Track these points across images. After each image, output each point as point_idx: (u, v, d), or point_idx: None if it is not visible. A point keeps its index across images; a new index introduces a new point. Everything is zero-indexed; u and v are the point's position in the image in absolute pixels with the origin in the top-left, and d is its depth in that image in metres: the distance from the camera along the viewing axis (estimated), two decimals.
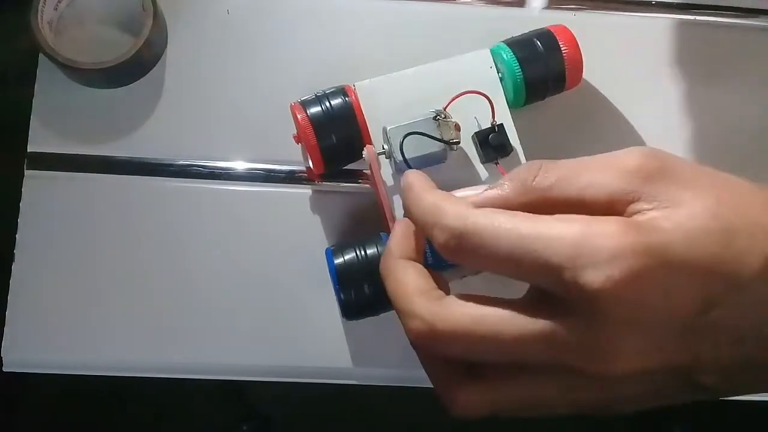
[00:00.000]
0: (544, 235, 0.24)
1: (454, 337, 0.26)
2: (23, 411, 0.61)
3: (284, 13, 0.42)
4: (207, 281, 0.39)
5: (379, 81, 0.36)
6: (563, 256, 0.24)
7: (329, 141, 0.35)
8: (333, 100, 0.36)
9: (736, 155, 0.41)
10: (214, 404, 0.63)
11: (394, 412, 0.59)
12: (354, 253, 0.35)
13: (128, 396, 0.60)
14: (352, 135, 0.36)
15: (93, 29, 0.41)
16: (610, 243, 0.23)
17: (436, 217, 0.27)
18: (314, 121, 0.35)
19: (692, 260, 0.23)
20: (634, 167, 0.25)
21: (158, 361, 0.39)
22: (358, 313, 0.36)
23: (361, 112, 0.36)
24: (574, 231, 0.24)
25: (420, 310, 0.27)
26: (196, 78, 0.41)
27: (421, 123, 0.34)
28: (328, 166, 0.36)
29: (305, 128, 0.35)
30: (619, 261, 0.23)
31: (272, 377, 0.39)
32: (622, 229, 0.23)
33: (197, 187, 0.40)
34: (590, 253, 0.23)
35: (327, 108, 0.36)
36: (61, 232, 0.39)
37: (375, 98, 0.36)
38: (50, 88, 0.40)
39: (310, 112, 0.36)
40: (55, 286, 0.38)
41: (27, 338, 0.38)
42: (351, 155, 0.36)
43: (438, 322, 0.26)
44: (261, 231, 0.40)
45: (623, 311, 0.23)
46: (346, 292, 0.35)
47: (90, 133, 0.40)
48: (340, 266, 0.35)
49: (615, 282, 0.23)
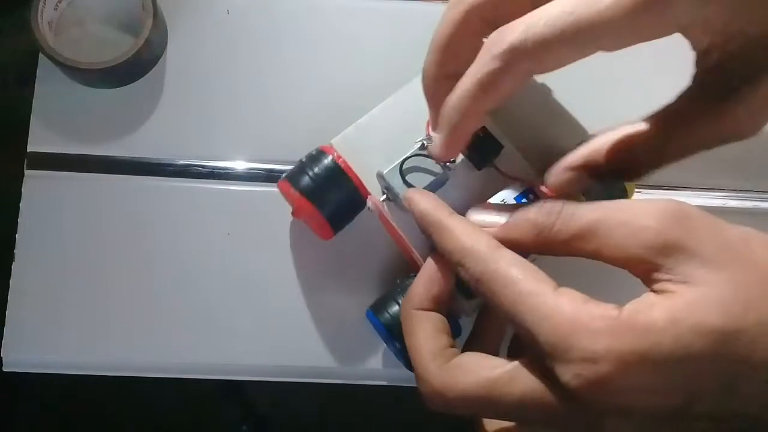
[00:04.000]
0: (538, 309, 0.25)
1: (463, 402, 0.27)
2: (23, 411, 0.61)
3: (284, 13, 0.42)
4: (207, 281, 0.39)
5: (353, 132, 0.36)
6: (548, 342, 0.25)
7: (330, 207, 0.35)
8: (318, 166, 0.35)
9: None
10: (214, 404, 0.63)
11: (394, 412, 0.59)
12: (396, 303, 0.35)
13: (128, 396, 0.60)
14: (350, 192, 0.35)
15: (93, 29, 0.41)
16: (589, 343, 0.24)
17: (463, 256, 0.28)
18: (309, 194, 0.35)
19: (678, 359, 0.23)
20: (653, 235, 0.25)
21: (158, 361, 0.39)
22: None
23: (350, 168, 0.35)
24: (564, 317, 0.24)
25: (429, 376, 0.28)
26: (196, 78, 0.41)
27: (412, 155, 0.34)
28: (337, 229, 0.36)
29: (302, 203, 0.35)
30: (591, 365, 0.23)
31: (272, 377, 0.39)
32: (608, 328, 0.24)
33: (197, 187, 0.40)
34: (568, 348, 0.24)
35: (316, 176, 0.35)
36: (61, 232, 0.39)
37: (356, 148, 0.36)
38: (50, 88, 0.40)
39: (302, 186, 0.35)
40: (55, 286, 0.39)
41: (27, 338, 0.38)
42: (354, 211, 0.36)
43: (446, 391, 0.28)
44: (261, 231, 0.40)
45: (598, 405, 0.24)
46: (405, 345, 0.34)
47: (90, 133, 0.40)
48: (388, 321, 0.35)
49: (587, 382, 0.24)
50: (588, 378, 0.24)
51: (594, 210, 0.27)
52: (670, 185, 0.41)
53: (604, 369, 0.23)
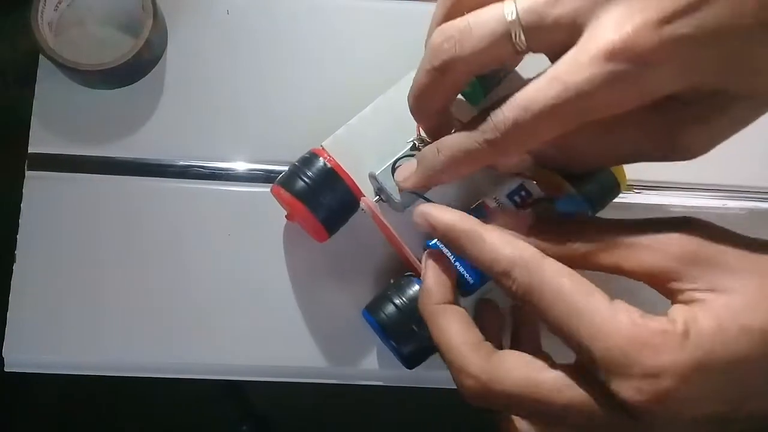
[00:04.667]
0: (594, 324, 0.25)
1: (508, 398, 0.27)
2: (23, 411, 0.61)
3: (284, 13, 0.42)
4: (207, 281, 0.39)
5: (343, 133, 0.36)
6: (604, 358, 0.24)
7: (324, 210, 0.35)
8: (311, 169, 0.35)
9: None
10: (213, 404, 0.63)
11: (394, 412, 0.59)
12: (391, 303, 0.35)
13: (128, 396, 0.60)
14: (343, 194, 0.35)
15: (93, 29, 0.41)
16: (651, 359, 0.24)
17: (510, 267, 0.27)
18: (302, 197, 0.35)
19: (729, 364, 0.24)
20: (677, 251, 0.26)
21: (158, 362, 0.39)
22: (420, 356, 0.35)
23: (342, 170, 0.35)
24: (622, 334, 0.24)
25: (474, 369, 0.27)
26: (196, 78, 0.41)
27: (404, 155, 0.34)
28: (331, 231, 0.36)
29: (296, 207, 0.35)
30: (654, 380, 0.24)
31: (272, 377, 0.39)
32: (668, 344, 0.24)
33: (197, 187, 0.40)
34: (629, 364, 0.24)
35: (308, 179, 0.35)
36: (62, 233, 0.39)
37: (347, 150, 0.36)
38: (50, 88, 0.40)
39: (295, 190, 0.35)
40: (55, 286, 0.39)
41: (28, 338, 0.38)
42: (348, 212, 0.36)
43: (493, 383, 0.27)
44: (260, 232, 0.40)
45: (654, 418, 0.24)
46: (403, 343, 0.34)
47: (90, 134, 0.40)
48: (383, 321, 0.35)
49: (648, 397, 0.24)
50: (650, 393, 0.24)
51: (614, 224, 0.27)
52: (671, 185, 0.41)
53: (666, 384, 0.24)
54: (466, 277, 0.34)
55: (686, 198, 0.41)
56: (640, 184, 0.41)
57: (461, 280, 0.34)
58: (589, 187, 0.35)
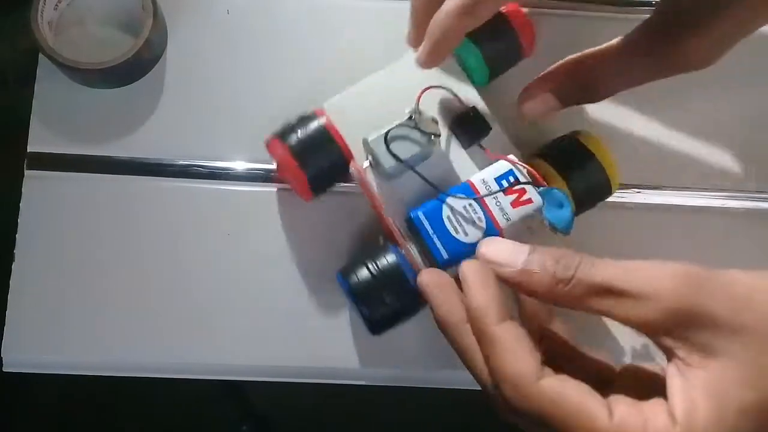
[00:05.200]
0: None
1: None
2: (23, 411, 0.61)
3: (284, 13, 0.42)
4: (207, 281, 0.39)
5: (345, 97, 0.36)
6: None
7: (313, 168, 0.35)
8: (307, 127, 0.35)
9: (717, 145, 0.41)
10: (213, 404, 0.63)
11: (394, 412, 0.59)
12: (365, 268, 0.35)
13: (128, 396, 0.60)
14: (334, 156, 0.35)
15: (93, 29, 0.41)
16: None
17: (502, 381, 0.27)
18: (294, 152, 0.35)
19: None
20: (668, 302, 0.25)
21: (158, 362, 0.39)
22: (385, 325, 0.35)
23: (337, 132, 0.35)
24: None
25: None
26: (196, 78, 0.41)
27: (399, 125, 0.34)
28: (317, 192, 0.36)
29: (287, 161, 0.35)
30: None
31: (272, 377, 0.39)
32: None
33: (197, 187, 0.40)
34: None
35: (304, 136, 0.35)
36: (61, 232, 0.39)
37: (346, 114, 0.36)
38: (50, 88, 0.40)
39: (289, 143, 0.35)
40: (55, 286, 0.38)
41: (27, 338, 0.38)
42: (336, 175, 0.36)
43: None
44: (261, 231, 0.40)
45: None
46: (370, 309, 0.34)
47: (90, 133, 0.40)
48: (356, 285, 0.34)
49: None
50: None
51: (607, 269, 0.27)
52: (671, 185, 0.41)
53: None
54: (441, 252, 0.33)
55: (686, 198, 0.41)
56: (641, 185, 0.41)
57: (434, 255, 0.33)
58: (580, 184, 0.35)
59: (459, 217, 0.33)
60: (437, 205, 0.33)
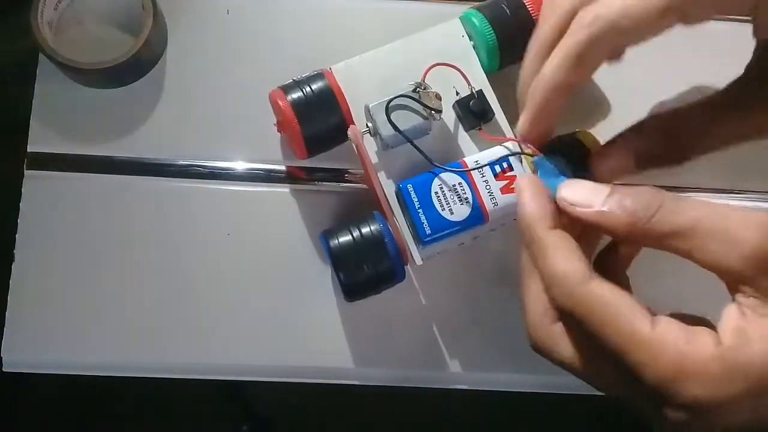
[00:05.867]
0: (639, 351, 0.25)
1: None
2: (23, 411, 0.61)
3: (284, 13, 0.42)
4: (207, 281, 0.39)
5: (355, 61, 0.37)
6: (651, 386, 0.25)
7: (313, 126, 0.35)
8: (313, 85, 0.36)
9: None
10: (214, 404, 0.63)
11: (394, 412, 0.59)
12: (349, 233, 0.35)
13: (128, 396, 0.60)
14: (335, 118, 0.35)
15: (93, 29, 0.41)
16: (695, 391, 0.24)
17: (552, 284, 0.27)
18: (297, 108, 0.35)
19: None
20: (750, 250, 0.25)
21: (158, 361, 0.39)
22: (360, 292, 0.36)
23: (342, 94, 0.35)
24: (667, 363, 0.25)
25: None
26: (196, 78, 0.41)
27: (402, 96, 0.34)
28: (313, 152, 0.37)
29: (287, 116, 0.35)
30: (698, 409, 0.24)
31: (272, 377, 0.39)
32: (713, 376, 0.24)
33: (197, 187, 0.40)
34: (674, 394, 0.24)
35: (308, 93, 0.35)
36: (61, 232, 0.39)
37: (353, 79, 0.36)
38: (50, 88, 0.40)
39: (292, 98, 0.35)
40: (54, 286, 0.38)
41: (27, 338, 0.38)
42: (335, 138, 0.36)
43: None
44: (261, 231, 0.40)
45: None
46: (346, 274, 0.34)
47: (90, 133, 0.40)
48: (336, 248, 0.35)
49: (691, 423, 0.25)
50: (692, 420, 0.24)
51: (694, 209, 0.26)
52: (671, 186, 0.41)
53: (710, 413, 0.24)
54: (424, 227, 0.34)
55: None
56: (640, 185, 0.41)
57: (417, 229, 0.34)
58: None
59: (447, 195, 0.34)
60: (428, 179, 0.34)
